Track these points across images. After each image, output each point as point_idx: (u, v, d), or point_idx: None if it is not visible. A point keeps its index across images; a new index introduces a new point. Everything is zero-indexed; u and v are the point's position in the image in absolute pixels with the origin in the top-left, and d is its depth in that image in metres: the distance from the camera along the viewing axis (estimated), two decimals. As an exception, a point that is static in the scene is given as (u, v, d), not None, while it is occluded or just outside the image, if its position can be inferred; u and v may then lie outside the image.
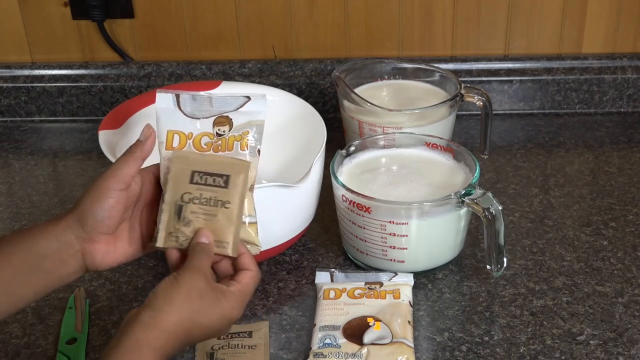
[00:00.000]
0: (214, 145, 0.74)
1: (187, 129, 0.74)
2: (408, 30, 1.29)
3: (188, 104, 0.74)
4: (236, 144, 0.74)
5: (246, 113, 0.74)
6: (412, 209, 0.86)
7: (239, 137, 0.74)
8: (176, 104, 0.74)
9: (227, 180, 0.72)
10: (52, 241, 0.69)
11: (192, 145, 0.74)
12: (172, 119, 0.74)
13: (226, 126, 0.74)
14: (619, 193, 1.08)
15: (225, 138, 0.74)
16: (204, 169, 0.73)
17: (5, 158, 1.23)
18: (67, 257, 0.70)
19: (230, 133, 0.74)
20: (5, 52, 1.34)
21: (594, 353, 0.80)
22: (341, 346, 0.78)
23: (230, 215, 0.72)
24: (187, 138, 0.74)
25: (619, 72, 1.28)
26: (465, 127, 1.27)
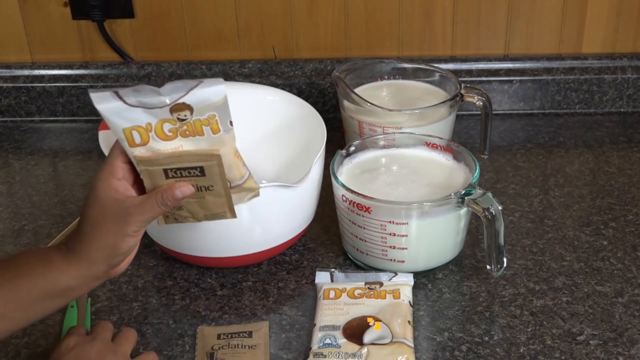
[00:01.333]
0: (180, 130, 0.70)
1: (142, 122, 0.69)
2: (408, 30, 1.29)
3: (132, 95, 0.69)
4: (205, 128, 0.70)
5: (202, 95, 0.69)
6: (412, 209, 0.86)
7: (206, 122, 0.70)
8: (118, 98, 0.69)
9: (202, 170, 0.71)
10: (78, 278, 0.70)
11: (155, 136, 0.70)
12: (121, 115, 0.69)
13: (186, 111, 0.69)
14: (619, 193, 1.08)
15: (190, 122, 0.70)
16: (174, 165, 0.71)
17: (5, 158, 1.23)
18: (92, 284, 0.72)
19: (193, 117, 0.70)
20: (5, 52, 1.34)
21: (594, 353, 0.80)
22: (341, 346, 0.78)
23: (217, 193, 0.72)
24: (147, 130, 0.70)
25: (619, 72, 1.28)
26: (465, 127, 1.27)
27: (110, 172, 0.70)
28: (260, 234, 0.89)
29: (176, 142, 0.70)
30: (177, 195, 0.70)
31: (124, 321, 0.86)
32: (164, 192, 0.70)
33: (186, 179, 0.71)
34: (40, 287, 0.69)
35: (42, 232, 1.03)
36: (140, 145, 0.70)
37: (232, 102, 1.05)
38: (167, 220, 0.75)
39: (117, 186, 0.70)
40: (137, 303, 0.89)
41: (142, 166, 0.71)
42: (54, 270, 0.69)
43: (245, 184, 0.74)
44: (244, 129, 1.06)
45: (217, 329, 0.84)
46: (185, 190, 0.70)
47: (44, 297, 0.70)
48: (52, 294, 0.70)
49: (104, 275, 0.72)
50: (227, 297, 0.89)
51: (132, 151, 0.71)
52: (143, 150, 0.70)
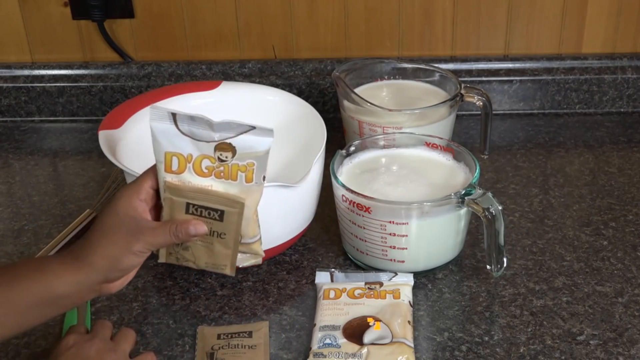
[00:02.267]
0: (215, 171, 0.71)
1: (185, 151, 0.70)
2: (408, 30, 1.29)
3: (186, 123, 0.69)
4: (240, 174, 0.70)
5: (250, 142, 0.70)
6: (412, 209, 0.86)
7: (244, 168, 0.70)
8: (173, 121, 0.69)
9: (221, 215, 0.71)
10: (73, 285, 0.70)
11: (192, 169, 0.70)
12: (168, 139, 0.70)
13: (229, 152, 0.70)
14: (619, 193, 1.08)
15: (228, 165, 0.70)
16: (198, 201, 0.71)
17: (5, 158, 1.23)
18: (85, 295, 0.72)
19: (233, 161, 0.70)
20: (5, 52, 1.34)
21: (594, 353, 0.80)
22: (341, 346, 0.78)
23: (226, 244, 0.72)
24: (187, 161, 0.70)
25: (619, 72, 1.28)
26: (465, 127, 1.27)
27: (136, 191, 0.71)
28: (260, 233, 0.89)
29: (208, 181, 0.71)
30: (191, 231, 0.71)
31: (124, 321, 0.86)
32: (179, 224, 0.71)
33: (204, 219, 0.71)
34: (35, 293, 0.69)
35: (42, 232, 1.03)
36: (175, 173, 0.71)
37: (232, 102, 1.06)
38: (168, 258, 0.75)
39: (137, 205, 0.71)
40: (137, 303, 0.89)
41: (168, 194, 0.71)
42: (49, 276, 0.69)
43: (253, 245, 0.74)
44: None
45: (217, 329, 0.84)
46: (200, 229, 0.71)
47: (38, 303, 0.70)
48: (45, 301, 0.70)
49: (98, 288, 0.71)
50: (227, 297, 0.89)
51: (165, 176, 0.71)
52: (175, 178, 0.71)
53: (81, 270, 0.70)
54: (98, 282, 0.71)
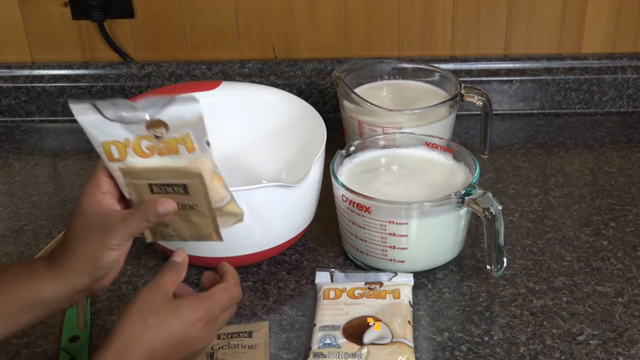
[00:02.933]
0: (156, 149, 0.70)
1: (121, 137, 0.69)
2: (408, 30, 1.29)
3: (110, 109, 0.69)
4: (180, 147, 0.70)
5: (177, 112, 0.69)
6: (412, 209, 0.86)
7: (181, 140, 0.69)
8: (97, 111, 0.69)
9: (185, 188, 0.70)
10: (60, 289, 0.69)
11: (132, 152, 0.70)
12: (99, 129, 0.69)
13: (162, 128, 0.69)
14: (619, 193, 1.08)
15: (165, 140, 0.69)
16: (159, 180, 0.70)
17: (5, 158, 1.23)
18: (74, 297, 0.71)
19: (169, 135, 0.69)
20: (5, 52, 1.34)
21: (594, 353, 0.80)
22: (341, 346, 0.78)
23: (201, 213, 0.72)
24: (125, 146, 0.70)
25: (619, 72, 1.28)
26: (465, 127, 1.27)
27: (95, 185, 0.70)
28: (260, 234, 0.89)
29: (154, 160, 0.70)
30: (160, 210, 0.69)
31: (124, 321, 0.86)
32: (147, 207, 0.69)
33: (171, 195, 0.71)
34: (24, 297, 0.69)
35: (42, 232, 1.03)
36: (118, 160, 0.70)
37: (232, 102, 1.06)
38: (154, 237, 0.74)
39: (101, 199, 0.70)
40: (137, 303, 0.89)
41: (129, 179, 0.71)
42: (38, 281, 0.69)
43: (227, 207, 0.73)
44: (244, 129, 1.06)
45: (217, 329, 0.84)
46: (168, 207, 0.70)
47: (27, 307, 0.69)
48: (34, 305, 0.69)
49: (87, 289, 0.70)
50: (227, 297, 0.89)
51: (112, 165, 0.71)
52: (122, 165, 0.70)
53: (66, 276, 0.69)
54: (85, 283, 0.70)
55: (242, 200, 0.85)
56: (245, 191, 0.85)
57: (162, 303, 0.67)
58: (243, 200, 0.85)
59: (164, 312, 0.66)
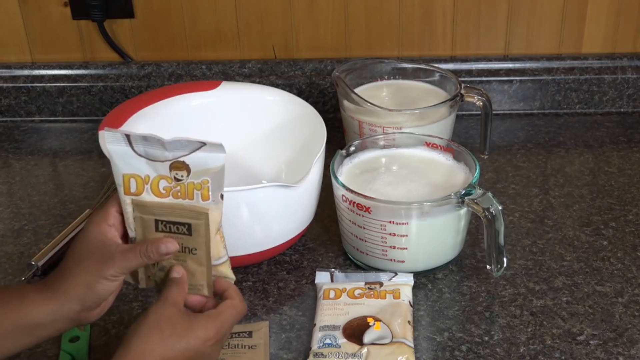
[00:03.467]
0: (172, 191, 0.71)
1: (142, 172, 0.71)
2: (408, 30, 1.29)
3: (140, 143, 0.70)
4: (196, 192, 0.71)
5: (203, 159, 0.70)
6: (412, 209, 0.86)
7: (199, 186, 0.71)
8: (128, 143, 0.70)
9: (189, 228, 0.71)
10: (49, 314, 0.69)
11: (149, 189, 0.71)
12: (125, 160, 0.70)
13: (184, 171, 0.70)
14: (619, 193, 1.08)
15: (184, 184, 0.71)
16: (166, 217, 0.71)
17: (5, 158, 1.23)
18: (62, 325, 0.70)
19: (189, 179, 0.70)
20: (5, 52, 1.34)
21: (594, 353, 0.80)
22: (341, 346, 0.78)
23: (199, 260, 0.72)
24: (144, 182, 0.71)
25: (619, 72, 1.28)
26: (465, 127, 1.27)
27: (104, 217, 0.71)
28: (260, 234, 0.89)
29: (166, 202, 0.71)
30: (162, 249, 0.70)
31: (124, 321, 0.86)
32: (149, 244, 0.70)
33: (174, 235, 0.71)
34: (12, 320, 0.68)
35: (42, 232, 1.03)
36: (134, 195, 0.71)
37: (232, 102, 1.06)
38: (147, 283, 0.74)
39: (107, 231, 0.71)
40: (137, 303, 0.89)
41: (137, 212, 0.71)
42: (28, 304, 0.69)
43: (222, 267, 0.73)
44: (244, 129, 1.06)
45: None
46: (170, 247, 0.70)
47: (14, 331, 0.69)
48: (22, 329, 0.69)
49: (76, 317, 0.70)
50: (227, 297, 0.89)
51: (126, 198, 0.71)
52: (134, 198, 0.71)
53: (57, 300, 0.69)
54: (75, 311, 0.69)
55: (242, 200, 0.85)
56: (245, 191, 0.85)
57: (177, 316, 0.67)
58: (243, 200, 0.85)
59: (180, 326, 0.67)
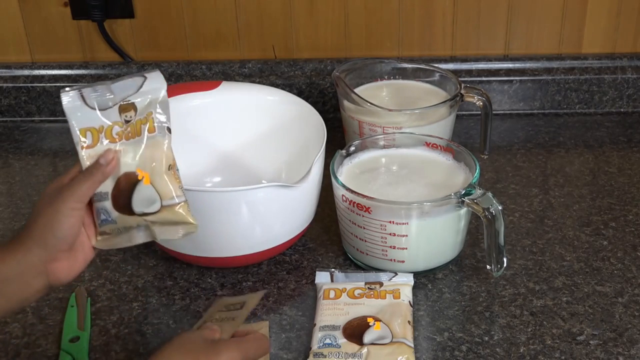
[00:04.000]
0: (124, 134, 0.72)
1: (97, 123, 0.72)
2: (408, 30, 1.29)
3: (92, 97, 0.71)
4: (143, 127, 0.71)
5: (145, 92, 0.71)
6: (412, 209, 0.86)
7: (144, 120, 0.71)
8: (82, 99, 0.71)
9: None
10: (14, 266, 0.68)
11: (103, 138, 0.71)
12: (81, 117, 0.72)
13: (131, 111, 0.71)
14: (619, 193, 1.08)
15: (132, 124, 0.71)
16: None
17: (5, 158, 1.23)
18: (30, 279, 0.69)
19: (136, 117, 0.71)
20: (5, 52, 1.34)
21: (594, 353, 0.80)
22: (341, 346, 0.78)
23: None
24: (99, 132, 0.72)
25: (619, 72, 1.28)
26: (465, 127, 1.27)
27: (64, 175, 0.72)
28: (260, 234, 0.89)
29: (118, 146, 0.72)
30: (101, 161, 0.71)
31: (124, 321, 0.86)
32: (91, 165, 0.71)
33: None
34: None
35: (42, 232, 1.02)
36: (90, 147, 0.72)
37: (232, 102, 1.06)
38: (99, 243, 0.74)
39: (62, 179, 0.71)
40: (137, 303, 0.89)
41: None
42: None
43: (178, 208, 0.72)
44: (244, 129, 1.06)
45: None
46: (108, 155, 0.71)
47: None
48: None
49: (42, 269, 0.69)
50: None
51: (82, 154, 0.72)
52: (92, 152, 0.71)
53: (20, 250, 0.69)
54: (39, 257, 0.69)
55: (242, 200, 0.85)
56: (245, 191, 0.85)
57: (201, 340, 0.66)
58: (243, 200, 0.85)
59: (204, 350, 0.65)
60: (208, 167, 1.05)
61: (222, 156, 1.06)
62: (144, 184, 0.72)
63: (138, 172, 0.71)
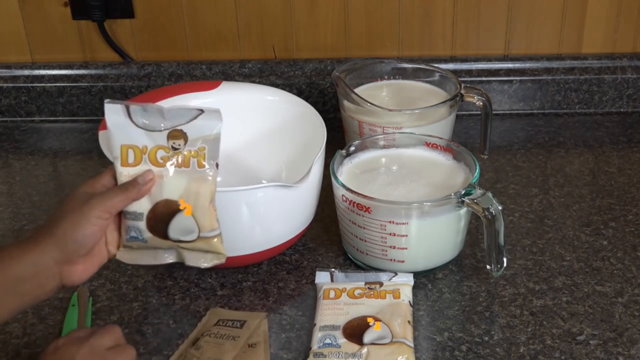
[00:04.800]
0: (170, 160, 0.72)
1: (140, 143, 0.72)
2: (408, 30, 1.29)
3: (139, 114, 0.72)
4: (192, 160, 0.72)
5: (200, 127, 0.72)
6: (412, 209, 0.86)
7: (195, 154, 0.72)
8: (127, 115, 0.72)
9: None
10: (29, 265, 0.68)
11: (147, 159, 0.72)
12: (124, 132, 0.72)
13: (181, 140, 0.72)
14: (619, 193, 1.08)
15: (181, 152, 0.72)
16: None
17: (5, 158, 1.23)
18: (44, 279, 0.69)
19: (186, 147, 0.72)
20: (5, 52, 1.34)
21: (594, 353, 0.80)
22: (341, 346, 0.78)
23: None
24: (142, 152, 0.72)
25: (618, 72, 1.28)
26: (465, 127, 1.27)
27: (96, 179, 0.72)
28: (260, 234, 0.89)
29: (163, 171, 0.72)
30: (139, 180, 0.71)
31: (124, 321, 0.86)
32: (127, 182, 0.71)
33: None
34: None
35: (42, 232, 1.03)
36: (131, 166, 0.72)
37: (232, 102, 1.06)
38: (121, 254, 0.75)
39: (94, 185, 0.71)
40: (137, 303, 0.89)
41: None
42: (6, 258, 0.68)
43: (213, 241, 0.74)
44: (244, 129, 1.06)
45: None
46: (147, 175, 0.71)
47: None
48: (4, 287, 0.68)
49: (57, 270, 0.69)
50: (227, 297, 0.89)
51: (122, 171, 0.72)
52: (132, 171, 0.72)
53: (36, 249, 0.68)
54: (54, 259, 0.69)
55: (242, 200, 0.85)
56: (245, 191, 0.85)
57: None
58: (243, 200, 0.85)
59: None
60: (208, 167, 1.05)
61: (222, 156, 1.06)
62: (184, 215, 0.73)
63: (180, 202, 0.72)
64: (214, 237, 0.74)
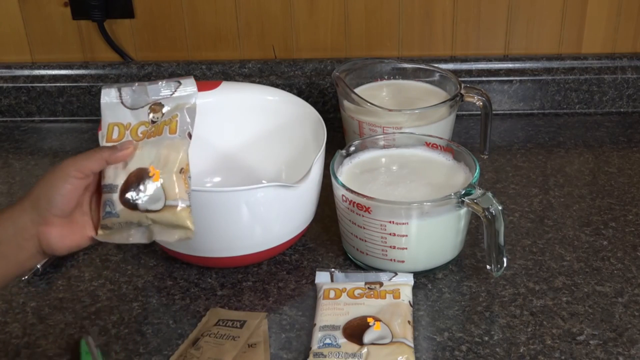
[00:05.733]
0: (147, 133, 0.75)
1: (125, 120, 0.75)
2: (408, 30, 1.30)
3: (129, 95, 0.76)
4: (165, 127, 0.75)
5: (176, 98, 0.76)
6: (412, 209, 0.86)
7: (168, 121, 0.75)
8: (119, 97, 0.76)
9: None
10: (8, 227, 0.70)
11: (129, 135, 0.75)
12: (114, 113, 0.76)
13: (159, 113, 0.75)
14: (619, 193, 1.08)
15: (157, 124, 0.75)
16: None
17: (5, 158, 1.23)
18: (23, 241, 0.71)
19: (162, 119, 0.75)
20: (5, 52, 1.34)
21: (594, 353, 0.80)
22: (341, 346, 0.78)
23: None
24: (125, 128, 0.75)
25: (618, 72, 1.28)
26: (465, 127, 1.27)
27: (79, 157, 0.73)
28: (260, 234, 0.89)
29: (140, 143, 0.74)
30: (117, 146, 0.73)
31: (124, 321, 0.86)
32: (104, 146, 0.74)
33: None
34: None
35: (42, 232, 1.03)
36: (114, 141, 0.75)
37: (232, 102, 1.06)
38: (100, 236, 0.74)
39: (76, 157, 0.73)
40: (137, 303, 0.89)
41: None
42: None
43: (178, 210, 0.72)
44: (244, 129, 1.06)
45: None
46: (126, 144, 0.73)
47: None
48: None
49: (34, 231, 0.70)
50: (227, 297, 0.89)
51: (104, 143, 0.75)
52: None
53: (15, 209, 0.71)
54: (32, 220, 0.70)
55: (242, 200, 0.85)
56: (245, 191, 0.85)
57: None
58: (243, 200, 0.85)
59: None
60: (208, 167, 1.05)
61: (222, 156, 1.06)
62: (153, 181, 0.73)
63: (150, 169, 0.73)
64: (180, 208, 0.72)
